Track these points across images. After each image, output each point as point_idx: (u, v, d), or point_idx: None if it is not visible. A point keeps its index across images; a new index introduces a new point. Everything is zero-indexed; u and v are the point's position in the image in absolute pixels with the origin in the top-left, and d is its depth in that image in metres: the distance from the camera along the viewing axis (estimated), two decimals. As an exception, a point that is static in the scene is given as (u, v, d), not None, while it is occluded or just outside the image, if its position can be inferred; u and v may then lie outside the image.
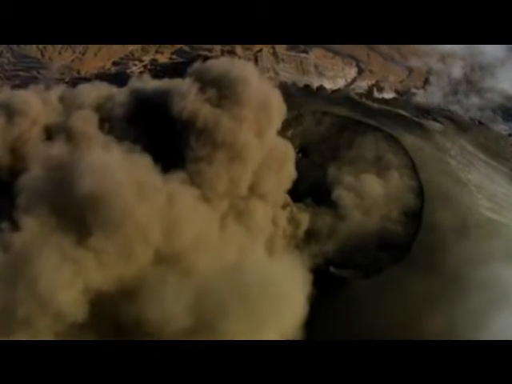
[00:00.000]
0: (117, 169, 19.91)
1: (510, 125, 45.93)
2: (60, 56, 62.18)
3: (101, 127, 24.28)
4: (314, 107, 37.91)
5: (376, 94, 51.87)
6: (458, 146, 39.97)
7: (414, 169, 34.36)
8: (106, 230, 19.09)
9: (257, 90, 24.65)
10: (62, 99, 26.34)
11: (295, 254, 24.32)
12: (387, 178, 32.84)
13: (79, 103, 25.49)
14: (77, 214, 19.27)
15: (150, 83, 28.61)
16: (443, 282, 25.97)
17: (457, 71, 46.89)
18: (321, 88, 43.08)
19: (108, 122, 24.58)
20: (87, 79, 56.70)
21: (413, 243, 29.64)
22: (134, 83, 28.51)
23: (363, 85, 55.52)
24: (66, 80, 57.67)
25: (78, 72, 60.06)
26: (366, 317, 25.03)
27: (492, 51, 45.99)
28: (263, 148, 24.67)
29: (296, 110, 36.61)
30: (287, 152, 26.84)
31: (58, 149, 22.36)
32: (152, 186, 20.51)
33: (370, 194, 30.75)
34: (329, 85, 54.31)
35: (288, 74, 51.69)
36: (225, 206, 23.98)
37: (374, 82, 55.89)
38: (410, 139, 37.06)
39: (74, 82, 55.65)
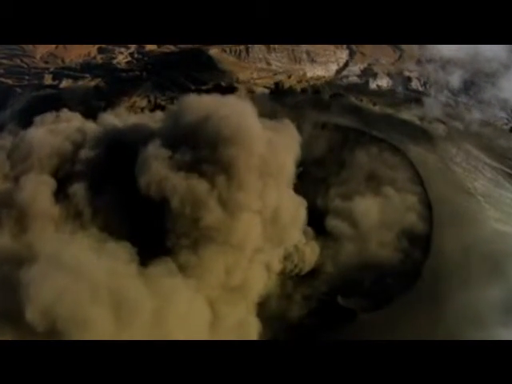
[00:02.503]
0: (84, 277, 13.07)
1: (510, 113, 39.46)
2: (44, 42, 53.36)
3: (58, 198, 16.89)
4: (313, 117, 31.02)
5: (371, 82, 44.43)
6: (464, 151, 33.61)
7: (421, 185, 28.26)
8: None
9: (257, 146, 15.91)
10: (10, 155, 18.41)
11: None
12: (388, 197, 26.91)
13: (31, 163, 17.71)
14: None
15: (122, 120, 20.51)
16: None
17: (456, 80, 39.36)
18: (318, 91, 35.81)
19: (67, 191, 17.09)
20: (72, 69, 48.67)
21: (422, 270, 23.87)
22: (104, 119, 20.37)
23: (356, 69, 47.91)
24: (51, 70, 49.33)
25: (63, 60, 51.29)
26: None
27: (494, 57, 38.58)
28: (266, 219, 16.79)
29: (295, 121, 29.86)
30: (296, 217, 18.68)
31: (5, 238, 15.08)
32: (134, 301, 13.78)
33: (365, 221, 24.70)
34: (322, 71, 46.91)
35: (280, 63, 43.87)
36: (218, 291, 17.00)
37: (366, 65, 48.13)
38: (414, 150, 31.00)
39: (59, 73, 48.46)
